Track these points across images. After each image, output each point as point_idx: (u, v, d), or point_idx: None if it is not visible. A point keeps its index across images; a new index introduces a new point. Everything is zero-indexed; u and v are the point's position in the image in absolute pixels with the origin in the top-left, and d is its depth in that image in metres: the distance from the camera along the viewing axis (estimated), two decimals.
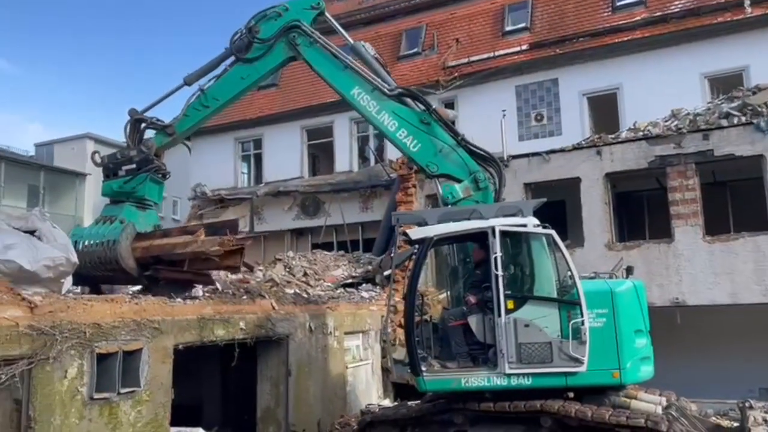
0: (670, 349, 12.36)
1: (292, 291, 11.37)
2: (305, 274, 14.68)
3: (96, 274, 8.30)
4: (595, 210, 13.14)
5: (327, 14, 8.92)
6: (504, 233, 6.90)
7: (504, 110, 16.06)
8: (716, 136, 12.22)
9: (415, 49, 20.44)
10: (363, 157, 21.38)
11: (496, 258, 6.73)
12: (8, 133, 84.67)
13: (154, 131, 8.96)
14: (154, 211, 8.80)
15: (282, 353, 9.28)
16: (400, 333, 12.83)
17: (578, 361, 6.60)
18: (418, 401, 8.78)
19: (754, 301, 11.74)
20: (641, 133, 13.42)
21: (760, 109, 12.14)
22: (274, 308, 9.11)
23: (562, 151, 13.79)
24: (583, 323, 6.61)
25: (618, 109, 16.75)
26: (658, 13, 16.55)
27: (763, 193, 11.90)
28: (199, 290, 9.23)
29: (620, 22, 16.93)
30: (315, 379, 9.93)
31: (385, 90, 8.16)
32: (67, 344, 5.84)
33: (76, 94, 76.23)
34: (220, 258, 8.12)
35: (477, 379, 6.78)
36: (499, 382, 6.70)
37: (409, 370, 7.09)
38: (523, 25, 18.66)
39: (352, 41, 8.88)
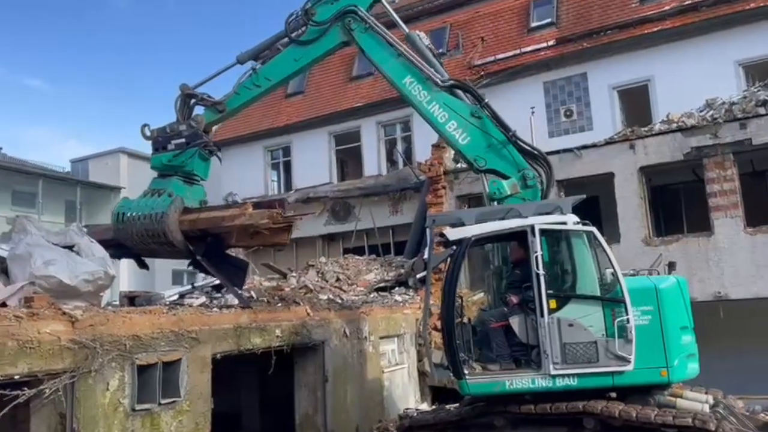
0: (714, 344, 12.00)
1: (326, 297, 11.38)
2: (338, 280, 14.70)
3: (141, 246, 8.21)
4: (631, 205, 12.88)
5: (384, 1, 8.76)
6: (544, 231, 6.79)
7: (532, 107, 15.87)
8: (754, 125, 11.87)
9: (441, 50, 20.34)
10: (391, 161, 21.37)
11: (537, 257, 6.62)
12: (45, 151, 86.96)
13: (203, 108, 8.79)
14: (201, 187, 8.61)
15: (318, 359, 9.29)
16: (436, 336, 12.79)
17: (625, 360, 6.46)
18: (457, 404, 8.69)
19: None
20: (675, 125, 13.11)
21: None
22: (309, 314, 9.13)
23: (594, 146, 13.56)
24: (628, 321, 6.47)
25: (650, 101, 16.42)
26: (689, 2, 16.17)
27: None
28: (234, 298, 9.31)
29: (649, 13, 16.59)
30: (352, 384, 9.91)
31: (438, 81, 8.01)
32: (108, 357, 5.93)
33: (108, 111, 77.97)
34: (268, 234, 7.94)
35: (521, 381, 6.64)
36: (544, 383, 6.56)
37: (450, 374, 6.96)
38: (548, 20, 18.44)
39: (407, 30, 8.71)
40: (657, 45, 16.28)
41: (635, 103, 16.75)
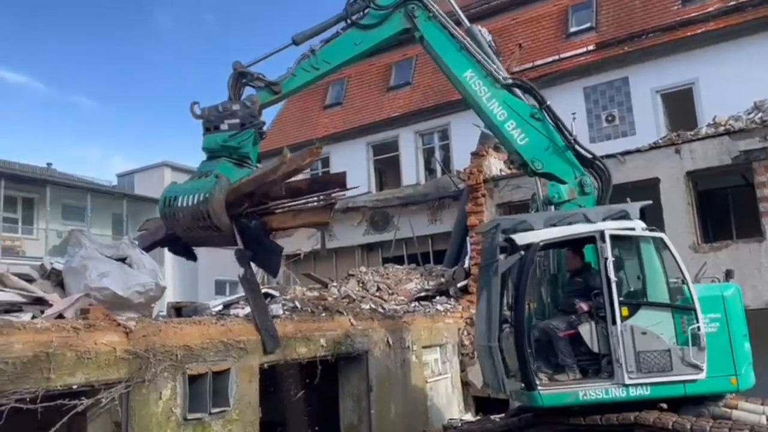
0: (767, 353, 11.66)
1: (368, 306, 11.42)
2: (378, 289, 14.73)
3: (188, 233, 7.62)
4: (677, 211, 12.57)
5: None
6: (614, 237, 6.68)
7: (573, 113, 15.67)
8: None
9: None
10: (429, 169, 21.37)
11: (609, 263, 6.51)
12: (93, 166, 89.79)
13: (254, 88, 8.23)
14: (251, 171, 7.86)
15: (362, 369, 9.33)
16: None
17: (698, 368, 6.37)
18: (502, 415, 8.60)
19: None
20: (722, 128, 12.77)
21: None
22: (352, 324, 9.18)
23: (638, 151, 13.30)
24: (699, 329, 6.40)
25: (695, 104, 16.06)
26: (733, 2, 15.83)
27: None
28: (279, 308, 9.43)
29: (693, 14, 16.28)
30: (396, 394, 9.91)
31: (500, 78, 7.90)
32: (160, 367, 6.07)
33: (151, 126, 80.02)
34: (309, 213, 7.72)
35: (595, 391, 6.48)
36: (617, 393, 6.40)
37: (522, 386, 6.62)
38: (588, 25, 18.25)
39: (468, 23, 8.58)
40: (701, 47, 15.95)
41: (679, 106, 16.40)
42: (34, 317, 5.93)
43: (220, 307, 10.29)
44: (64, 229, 23.92)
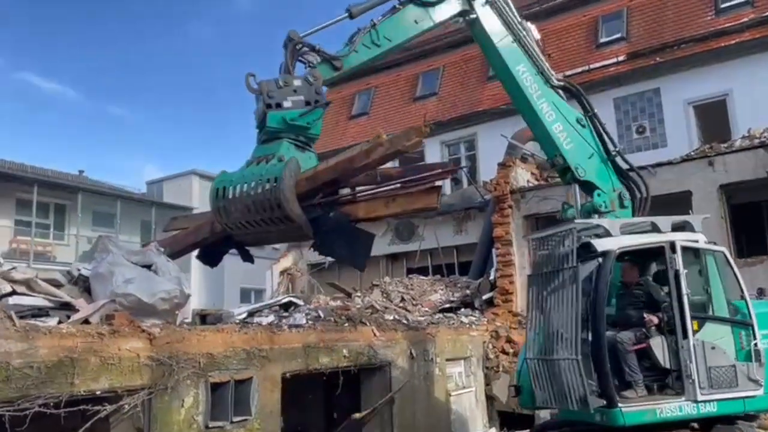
0: None
1: (392, 317, 11.33)
2: (402, 300, 14.63)
3: (245, 229, 6.49)
4: (711, 224, 12.23)
5: None
6: (684, 249, 6.50)
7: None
8: None
9: None
10: (455, 180, 21.24)
11: (679, 275, 6.34)
12: (123, 175, 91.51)
13: (306, 63, 7.26)
14: (314, 155, 6.91)
15: (385, 380, 9.23)
16: (503, 360, 12.52)
17: (758, 384, 6.30)
18: (527, 431, 8.44)
19: None
20: (757, 141, 12.47)
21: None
22: (375, 335, 9.10)
23: (669, 163, 13.03)
24: (756, 345, 6.36)
25: (728, 116, 15.73)
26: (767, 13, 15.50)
27: None
28: (302, 317, 9.40)
29: (726, 25, 15.97)
30: (418, 406, 9.78)
31: (551, 77, 7.69)
32: (183, 374, 6.07)
33: (181, 135, 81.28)
34: (411, 198, 6.76)
35: (671, 408, 6.23)
36: (690, 410, 6.20)
37: (602, 402, 6.20)
38: (618, 35, 18.02)
39: (519, 18, 8.11)
40: (735, 58, 15.63)
41: (712, 118, 16.07)
42: (60, 322, 5.98)
43: (245, 315, 10.31)
44: (94, 235, 24.34)
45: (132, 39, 72.69)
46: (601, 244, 6.46)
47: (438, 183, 7.31)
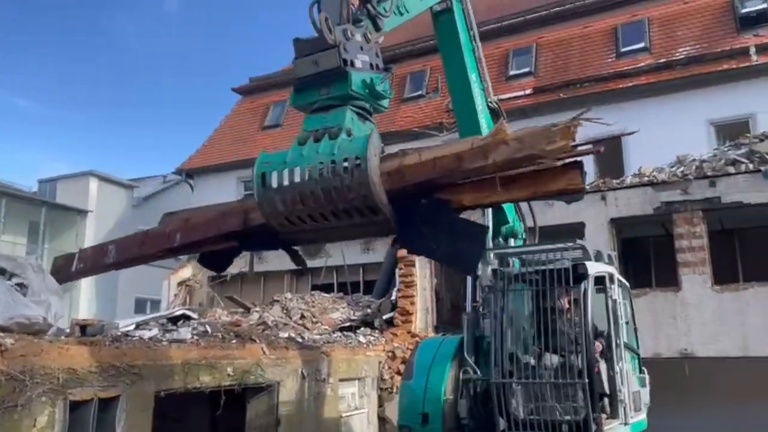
0: (680, 402, 11.88)
1: (286, 334, 11.02)
2: (302, 317, 14.33)
3: (304, 225, 4.72)
4: (602, 256, 12.82)
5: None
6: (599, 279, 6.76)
7: None
8: (723, 183, 11.98)
9: (420, 92, 20.51)
10: None
11: (617, 303, 6.69)
12: (17, 170, 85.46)
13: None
14: (374, 125, 5.30)
15: (272, 401, 8.89)
16: (398, 381, 12.44)
17: (646, 407, 7.08)
18: None
19: (766, 354, 11.29)
20: (646, 179, 13.20)
21: (767, 157, 11.94)
22: (264, 353, 8.77)
23: None
24: (645, 372, 7.15)
25: (623, 154, 16.60)
26: (663, 60, 16.58)
27: None
28: (187, 332, 8.93)
29: (625, 68, 16.96)
30: (306, 428, 9.49)
31: (489, 96, 7.69)
32: (37, 391, 5.52)
33: (86, 135, 77.16)
34: (543, 178, 4.76)
35: (612, 430, 6.36)
36: None
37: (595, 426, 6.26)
38: (527, 69, 18.72)
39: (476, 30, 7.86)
40: (632, 99, 16.57)
41: (609, 154, 16.90)
42: None
43: (132, 327, 9.69)
44: None
45: (51, 30, 68.63)
46: (593, 268, 6.62)
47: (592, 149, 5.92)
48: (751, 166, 12.00)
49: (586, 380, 6.12)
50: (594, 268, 6.65)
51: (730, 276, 12.47)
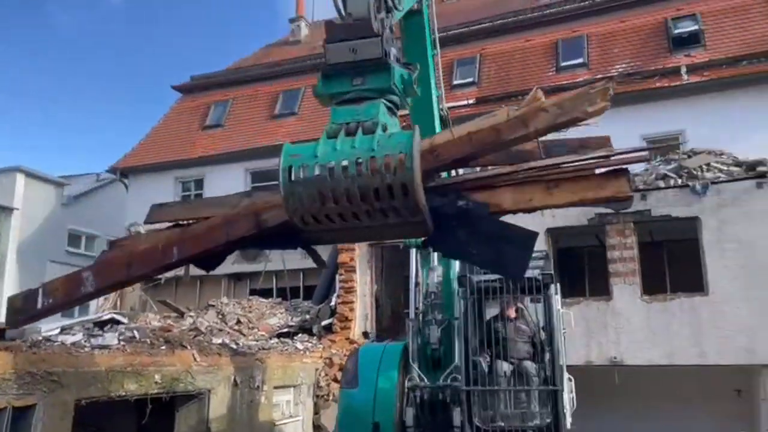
0: (610, 409, 12.21)
1: (220, 341, 10.71)
2: (239, 322, 14.01)
3: (332, 224, 4.37)
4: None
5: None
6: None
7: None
8: (654, 197, 12.41)
9: None
10: None
11: (559, 312, 7.12)
12: None
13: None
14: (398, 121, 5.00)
15: (202, 409, 8.61)
16: (334, 388, 12.30)
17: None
18: None
19: (691, 363, 11.73)
20: None
21: (695, 172, 12.44)
22: (195, 360, 8.48)
23: None
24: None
25: None
26: (600, 75, 17.07)
27: (698, 255, 12.06)
28: (114, 337, 8.55)
29: (563, 82, 17.37)
30: None
31: (442, 103, 7.67)
32: None
33: (15, 129, 73.61)
34: (587, 183, 4.77)
35: None
36: None
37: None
38: (471, 79, 18.96)
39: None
40: None
41: None
42: None
43: (56, 332, 9.22)
44: None
45: None
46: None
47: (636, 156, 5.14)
48: (679, 181, 12.48)
49: (558, 387, 6.45)
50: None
51: (659, 287, 12.90)
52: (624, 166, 4.64)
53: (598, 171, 4.70)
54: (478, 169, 5.29)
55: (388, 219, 4.30)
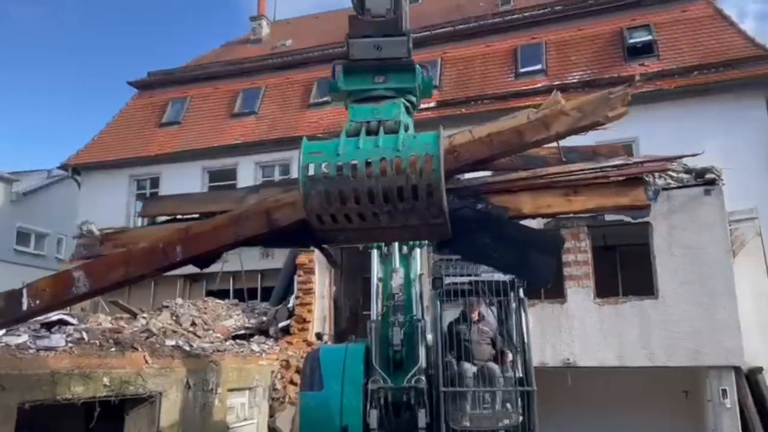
0: (563, 410, 12.42)
1: (173, 342, 10.49)
2: (193, 324, 13.73)
3: (350, 224, 4.23)
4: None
5: None
6: None
7: None
8: None
9: (326, 98, 20.38)
10: None
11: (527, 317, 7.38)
12: None
13: None
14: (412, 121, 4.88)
15: (153, 413, 8.41)
16: (291, 390, 12.18)
17: None
18: None
19: (640, 364, 12.03)
20: None
21: (646, 179, 12.77)
22: (147, 362, 8.28)
23: None
24: None
25: None
26: (557, 82, 17.38)
27: (649, 259, 12.38)
28: (61, 339, 8.27)
29: (522, 88, 17.64)
30: None
31: None
32: None
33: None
34: (610, 190, 4.76)
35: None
36: None
37: None
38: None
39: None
40: None
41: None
42: None
43: (1, 333, 8.86)
44: None
45: None
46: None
47: (657, 166, 5.34)
48: None
49: (533, 388, 6.68)
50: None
51: (611, 290, 13.20)
52: (641, 175, 4.82)
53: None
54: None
55: (408, 220, 4.22)
